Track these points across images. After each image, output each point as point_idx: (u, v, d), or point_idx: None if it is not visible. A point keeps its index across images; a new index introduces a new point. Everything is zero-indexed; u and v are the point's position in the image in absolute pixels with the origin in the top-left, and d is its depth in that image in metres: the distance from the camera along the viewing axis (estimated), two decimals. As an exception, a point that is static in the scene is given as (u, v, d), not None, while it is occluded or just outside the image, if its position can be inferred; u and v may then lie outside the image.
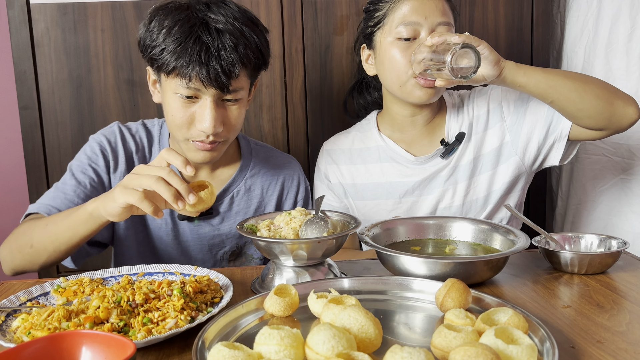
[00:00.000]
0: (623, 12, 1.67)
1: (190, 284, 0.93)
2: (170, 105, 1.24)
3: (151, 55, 1.21)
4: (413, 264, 0.99)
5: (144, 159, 1.40)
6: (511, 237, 1.10)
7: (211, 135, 1.23)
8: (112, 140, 1.38)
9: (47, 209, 1.26)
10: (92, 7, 1.73)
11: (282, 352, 0.69)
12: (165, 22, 1.19)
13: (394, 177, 1.48)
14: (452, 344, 0.71)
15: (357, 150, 1.53)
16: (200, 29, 1.17)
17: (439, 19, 1.34)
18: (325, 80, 1.84)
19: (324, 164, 1.56)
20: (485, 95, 1.48)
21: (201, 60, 1.15)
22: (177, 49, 1.16)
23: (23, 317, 0.88)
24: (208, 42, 1.16)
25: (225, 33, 1.18)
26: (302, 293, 0.91)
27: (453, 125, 1.48)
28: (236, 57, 1.18)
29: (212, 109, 1.20)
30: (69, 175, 1.34)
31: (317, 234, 1.03)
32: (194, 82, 1.17)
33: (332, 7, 1.80)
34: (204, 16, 1.19)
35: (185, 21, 1.18)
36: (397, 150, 1.49)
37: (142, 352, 0.81)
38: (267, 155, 1.49)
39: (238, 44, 1.18)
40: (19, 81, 1.74)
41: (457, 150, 1.46)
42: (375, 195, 1.50)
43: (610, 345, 0.80)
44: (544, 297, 0.98)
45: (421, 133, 1.49)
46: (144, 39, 1.23)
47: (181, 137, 1.26)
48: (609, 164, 1.72)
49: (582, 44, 1.79)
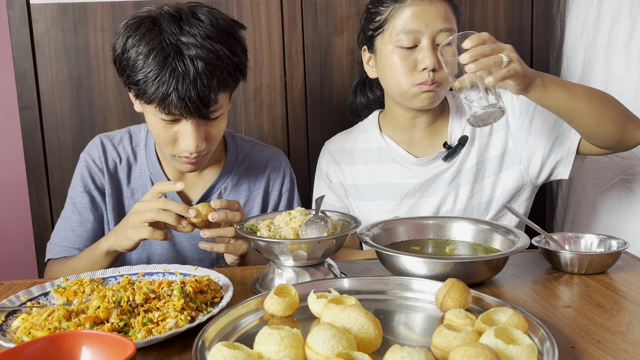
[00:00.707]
0: (623, 12, 1.67)
1: (190, 284, 0.93)
2: (152, 126, 1.25)
3: (129, 81, 1.19)
4: (413, 264, 0.99)
5: (129, 168, 1.42)
6: (511, 237, 1.10)
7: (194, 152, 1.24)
8: (95, 157, 1.41)
9: (66, 251, 1.37)
10: (92, 7, 1.73)
11: (282, 352, 0.69)
12: (140, 48, 1.16)
13: (395, 178, 1.48)
14: (452, 344, 0.71)
15: (358, 151, 1.53)
16: (175, 60, 1.13)
17: (440, 26, 1.33)
18: (325, 80, 1.84)
19: (325, 164, 1.56)
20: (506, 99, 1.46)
21: (179, 92, 1.13)
22: (155, 81, 1.13)
23: (23, 317, 0.88)
24: (183, 73, 1.13)
25: (201, 59, 1.14)
26: (302, 293, 0.91)
27: (456, 128, 1.47)
28: (214, 82, 1.15)
29: (193, 131, 1.20)
30: (71, 207, 1.41)
31: (317, 234, 1.03)
32: (173, 112, 1.17)
33: (332, 7, 1.80)
34: (176, 42, 1.14)
35: (160, 50, 1.14)
36: (398, 151, 1.48)
37: (142, 352, 0.81)
38: (253, 149, 1.49)
39: (215, 68, 1.15)
40: (19, 81, 1.74)
41: (460, 153, 1.45)
42: (375, 196, 1.50)
43: (610, 345, 0.80)
44: (544, 297, 0.98)
45: (423, 135, 1.49)
46: (120, 60, 1.20)
47: (167, 152, 1.28)
48: (609, 164, 1.72)
49: (582, 44, 1.79)
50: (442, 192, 1.45)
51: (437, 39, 1.33)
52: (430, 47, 1.33)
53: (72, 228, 1.39)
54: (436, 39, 1.33)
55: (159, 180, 1.40)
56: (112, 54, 1.24)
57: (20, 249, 2.18)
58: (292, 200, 1.50)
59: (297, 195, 1.52)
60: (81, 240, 1.39)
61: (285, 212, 1.11)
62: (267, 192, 1.47)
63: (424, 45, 1.33)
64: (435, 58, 1.32)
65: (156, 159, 1.41)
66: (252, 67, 1.80)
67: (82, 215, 1.39)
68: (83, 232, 1.39)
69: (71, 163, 1.78)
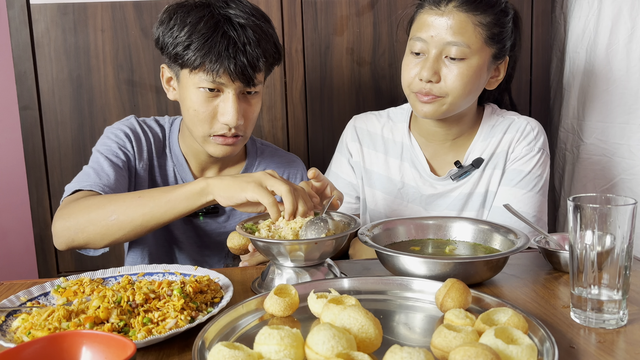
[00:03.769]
0: (623, 13, 1.67)
1: (190, 284, 0.93)
2: (192, 100, 1.25)
3: (175, 52, 1.22)
4: (413, 264, 0.99)
5: (159, 152, 1.41)
6: (511, 237, 1.10)
7: (233, 129, 1.25)
8: (133, 130, 1.38)
9: (100, 188, 1.22)
10: (92, 7, 1.73)
11: (282, 352, 0.69)
12: (187, 19, 1.21)
13: (409, 180, 1.46)
14: (452, 344, 0.71)
15: (383, 138, 1.50)
16: (226, 25, 1.21)
17: (448, 39, 1.28)
18: (325, 80, 1.84)
19: (349, 139, 1.53)
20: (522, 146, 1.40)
21: (229, 54, 1.19)
22: (205, 45, 1.19)
23: (23, 317, 0.88)
24: (235, 37, 1.20)
25: (248, 28, 1.22)
26: (302, 293, 0.91)
27: (477, 148, 1.43)
28: (259, 51, 1.22)
29: (235, 102, 1.23)
30: (102, 157, 1.29)
31: (316, 235, 1.03)
32: (221, 76, 1.20)
33: (332, 7, 1.80)
34: (225, 12, 1.22)
35: (210, 17, 1.21)
36: (419, 156, 1.45)
37: (142, 352, 0.81)
38: (272, 154, 1.50)
39: (260, 38, 1.23)
40: (19, 81, 1.74)
41: (472, 175, 1.42)
42: (385, 189, 1.48)
43: (610, 345, 0.80)
44: (544, 297, 0.98)
45: (444, 147, 1.45)
46: (164, 37, 1.24)
47: (203, 132, 1.27)
48: (610, 164, 1.72)
49: (583, 44, 1.79)
50: (445, 210, 1.44)
51: (445, 51, 1.29)
52: (433, 59, 1.29)
53: (106, 172, 1.26)
54: (444, 51, 1.29)
55: (183, 175, 1.39)
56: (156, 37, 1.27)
57: (20, 249, 2.18)
58: None
59: None
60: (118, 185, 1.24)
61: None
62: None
63: (429, 55, 1.30)
64: (432, 71, 1.28)
65: (180, 153, 1.40)
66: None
67: (117, 165, 1.28)
68: (120, 178, 1.26)
69: (71, 163, 1.79)
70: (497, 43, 1.32)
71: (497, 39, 1.32)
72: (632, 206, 0.82)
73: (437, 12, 1.29)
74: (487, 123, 1.44)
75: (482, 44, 1.30)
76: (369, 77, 1.85)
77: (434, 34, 1.29)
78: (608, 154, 1.73)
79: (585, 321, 0.86)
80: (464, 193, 1.43)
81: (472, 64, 1.30)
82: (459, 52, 1.28)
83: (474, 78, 1.31)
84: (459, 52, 1.28)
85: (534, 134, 1.40)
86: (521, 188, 1.38)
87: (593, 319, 0.85)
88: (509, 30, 1.35)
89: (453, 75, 1.29)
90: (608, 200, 0.87)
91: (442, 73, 1.30)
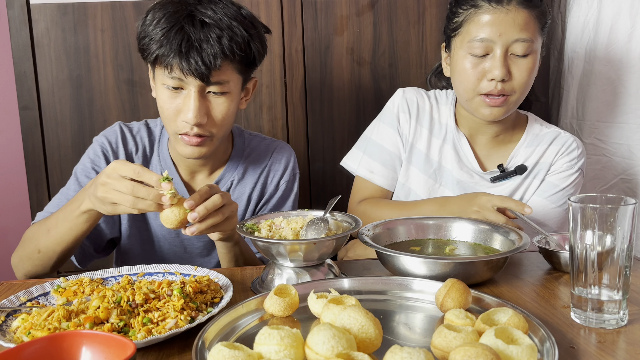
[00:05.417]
0: (623, 12, 1.67)
1: (190, 284, 0.93)
2: (159, 97, 1.26)
3: (141, 45, 1.24)
4: (413, 264, 0.99)
5: (145, 159, 1.40)
6: (511, 237, 1.10)
7: (195, 127, 1.23)
8: (112, 140, 1.39)
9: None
10: (92, 7, 1.73)
11: (282, 352, 0.69)
12: (157, 15, 1.22)
13: (446, 163, 1.46)
14: (452, 344, 0.71)
15: (430, 116, 1.49)
16: (185, 20, 1.19)
17: (515, 36, 1.28)
18: (325, 80, 1.84)
19: (400, 109, 1.50)
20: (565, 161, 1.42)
21: (181, 50, 1.17)
22: (161, 38, 1.19)
23: (23, 317, 0.88)
24: (190, 33, 1.18)
25: (210, 26, 1.19)
26: (302, 293, 0.91)
27: (522, 152, 1.44)
28: (218, 49, 1.19)
29: (195, 100, 1.21)
30: (73, 179, 1.35)
31: (316, 235, 1.03)
32: (175, 71, 1.19)
33: (332, 7, 1.80)
34: (192, 9, 1.21)
35: (173, 13, 1.20)
36: (462, 141, 1.45)
37: (142, 352, 0.81)
38: (260, 143, 1.48)
39: (222, 36, 1.19)
40: (19, 81, 1.74)
41: (511, 180, 1.42)
42: (420, 167, 1.47)
43: (611, 345, 0.80)
44: (544, 297, 0.98)
45: (486, 142, 1.46)
46: (139, 33, 1.25)
47: (171, 130, 1.27)
48: (610, 164, 1.72)
49: (582, 44, 1.79)
50: None
51: (511, 49, 1.29)
52: (502, 58, 1.29)
53: (68, 196, 1.31)
54: (510, 49, 1.29)
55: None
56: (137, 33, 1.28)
57: (20, 249, 2.18)
58: (288, 194, 1.46)
59: (295, 191, 1.48)
60: None
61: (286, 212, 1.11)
62: (265, 182, 1.44)
63: (496, 54, 1.30)
64: (505, 69, 1.29)
65: (169, 156, 1.40)
66: (252, 67, 1.80)
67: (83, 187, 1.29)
68: None
69: (71, 163, 1.78)
70: (545, 33, 1.36)
71: (545, 29, 1.36)
72: (632, 206, 0.82)
73: (501, 10, 1.29)
74: (532, 130, 1.45)
75: (539, 36, 1.33)
76: (369, 77, 1.85)
77: (502, 32, 1.29)
78: (608, 153, 1.73)
79: (586, 321, 0.86)
80: None
81: (535, 58, 1.33)
82: (526, 48, 1.30)
83: (535, 72, 1.34)
84: (526, 48, 1.29)
85: (578, 153, 1.42)
86: (552, 202, 1.39)
87: (593, 319, 0.85)
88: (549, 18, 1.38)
89: (522, 72, 1.31)
90: (608, 200, 0.87)
91: (512, 70, 1.31)
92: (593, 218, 0.83)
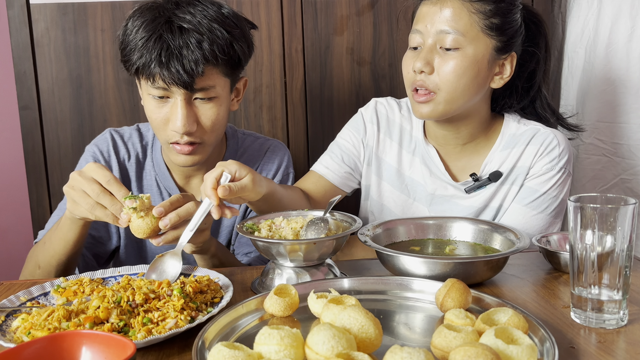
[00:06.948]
0: (623, 12, 1.67)
1: (190, 284, 0.93)
2: (146, 107, 1.24)
3: (122, 56, 1.22)
4: (413, 264, 0.99)
5: (138, 165, 1.39)
6: (511, 237, 1.10)
7: (185, 136, 1.21)
8: (104, 149, 1.38)
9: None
10: (92, 7, 1.73)
11: (282, 352, 0.69)
12: (136, 23, 1.19)
13: (417, 177, 1.41)
14: (452, 344, 0.71)
15: (400, 128, 1.45)
16: (163, 28, 1.16)
17: (440, 27, 1.23)
18: (325, 80, 1.84)
19: (368, 120, 1.46)
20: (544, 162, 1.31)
21: (161, 59, 1.14)
22: (141, 49, 1.16)
23: (23, 317, 0.88)
24: (169, 41, 1.15)
25: (190, 31, 1.16)
26: (302, 293, 0.91)
27: (495, 159, 1.35)
28: (199, 54, 1.15)
29: (182, 108, 1.19)
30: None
31: (316, 235, 1.03)
32: (158, 81, 1.17)
33: (332, 7, 1.80)
34: (170, 15, 1.17)
35: (151, 21, 1.17)
36: (432, 153, 1.39)
37: (142, 352, 0.81)
38: (254, 142, 1.46)
39: (202, 40, 1.16)
40: (19, 81, 1.74)
41: (486, 189, 1.35)
42: (392, 182, 1.44)
43: (610, 345, 0.80)
44: (544, 297, 0.98)
45: (456, 151, 1.39)
46: (120, 43, 1.23)
47: (162, 139, 1.26)
48: (610, 164, 1.72)
49: (582, 44, 1.79)
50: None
51: (439, 41, 1.24)
52: (426, 49, 1.25)
53: (62, 210, 1.30)
54: (438, 41, 1.24)
55: (165, 183, 1.37)
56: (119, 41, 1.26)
57: (20, 249, 2.18)
58: None
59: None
60: None
61: (286, 212, 1.11)
62: None
63: (424, 47, 1.26)
64: (424, 61, 1.24)
65: (162, 161, 1.38)
66: (252, 67, 1.80)
67: None
68: None
69: (71, 163, 1.79)
70: (500, 35, 1.25)
71: (498, 29, 1.25)
72: (632, 206, 0.82)
73: (434, 2, 1.26)
74: (507, 131, 1.36)
75: (478, 33, 1.24)
76: (369, 77, 1.85)
77: (429, 24, 1.25)
78: (608, 153, 1.73)
79: (586, 321, 0.86)
80: (475, 206, 1.36)
81: (468, 54, 1.23)
82: (453, 42, 1.23)
83: (470, 70, 1.24)
84: (453, 41, 1.22)
85: (559, 151, 1.31)
86: (532, 209, 1.31)
87: (593, 319, 0.85)
88: (514, 22, 1.27)
89: (446, 66, 1.23)
90: (608, 200, 0.87)
91: (435, 64, 1.25)
92: (593, 218, 0.83)
